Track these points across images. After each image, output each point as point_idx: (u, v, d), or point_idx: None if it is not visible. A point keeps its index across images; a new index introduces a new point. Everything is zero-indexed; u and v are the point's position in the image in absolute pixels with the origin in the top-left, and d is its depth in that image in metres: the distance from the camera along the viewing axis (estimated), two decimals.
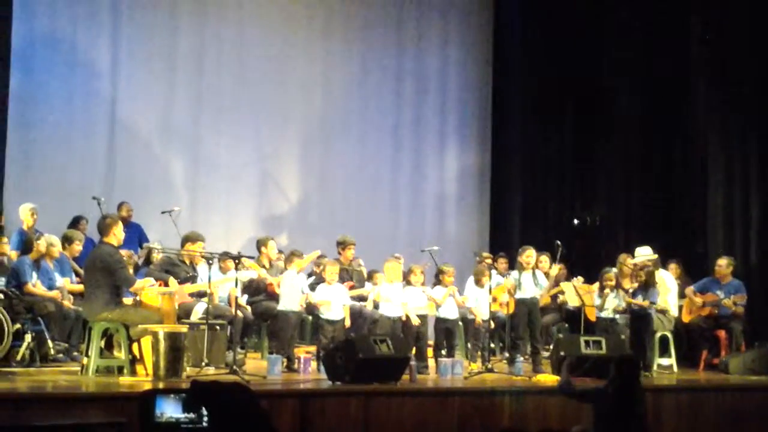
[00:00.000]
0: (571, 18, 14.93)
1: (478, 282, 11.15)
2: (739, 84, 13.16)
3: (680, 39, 13.75)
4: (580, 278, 11.88)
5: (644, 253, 11.17)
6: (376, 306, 10.75)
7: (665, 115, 13.99)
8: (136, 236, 12.04)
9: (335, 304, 10.12)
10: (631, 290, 10.70)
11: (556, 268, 11.46)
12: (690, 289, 11.82)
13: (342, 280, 10.87)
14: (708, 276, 11.97)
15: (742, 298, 11.51)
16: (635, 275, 10.76)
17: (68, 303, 9.91)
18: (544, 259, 12.16)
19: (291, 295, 10.12)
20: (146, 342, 8.66)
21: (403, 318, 10.26)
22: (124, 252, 10.11)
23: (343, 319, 10.19)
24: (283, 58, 14.50)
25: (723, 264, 11.72)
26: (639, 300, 10.57)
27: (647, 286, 10.62)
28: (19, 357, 9.18)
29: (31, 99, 12.76)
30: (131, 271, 10.04)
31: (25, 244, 10.26)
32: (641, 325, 10.61)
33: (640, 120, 14.37)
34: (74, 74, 13.11)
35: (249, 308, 10.55)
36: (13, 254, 10.33)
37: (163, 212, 12.09)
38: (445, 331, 10.62)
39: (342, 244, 11.65)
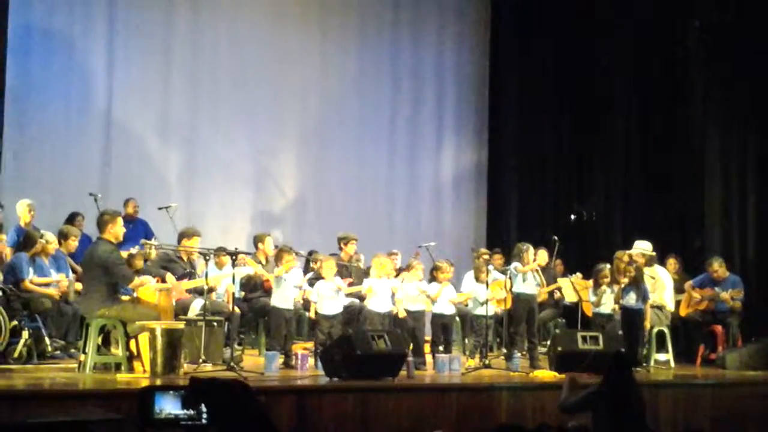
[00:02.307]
0: (569, 12, 14.91)
1: (478, 278, 11.13)
2: (738, 80, 13.14)
3: (678, 35, 13.76)
4: (579, 275, 11.89)
5: (641, 247, 11.20)
6: (361, 299, 10.69)
7: (663, 110, 14.01)
8: (142, 232, 11.98)
9: (332, 299, 10.10)
10: (622, 285, 10.72)
11: (557, 264, 11.48)
12: (689, 284, 11.84)
13: (341, 276, 10.86)
14: (706, 271, 11.98)
15: (738, 292, 11.53)
16: (625, 270, 10.77)
17: (73, 296, 9.87)
18: (542, 253, 12.20)
19: (283, 292, 10.05)
20: (143, 338, 8.65)
21: (394, 312, 10.29)
22: (132, 250, 10.13)
23: (340, 314, 10.18)
24: (278, 53, 14.46)
25: (716, 266, 11.72)
26: (631, 297, 10.59)
27: (636, 282, 10.65)
28: (16, 354, 9.16)
29: (27, 95, 12.72)
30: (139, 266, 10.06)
31: (25, 241, 10.21)
32: (633, 321, 10.63)
33: (638, 115, 14.39)
34: (70, 70, 13.08)
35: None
36: (8, 251, 10.28)
37: (159, 208, 12.06)
38: (442, 326, 10.62)
39: (344, 240, 11.62)
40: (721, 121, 13.42)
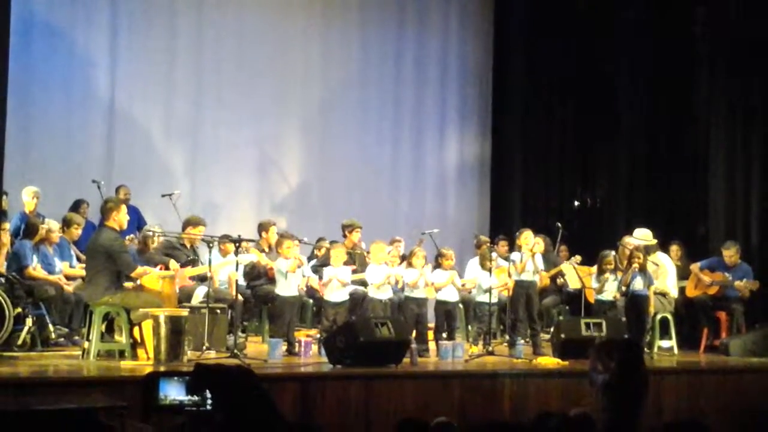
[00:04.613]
0: (574, 1, 14.88)
1: (483, 265, 11.09)
2: (743, 68, 13.09)
3: (683, 24, 13.72)
4: (578, 257, 11.84)
5: (641, 235, 11.21)
6: (364, 284, 10.67)
7: (667, 97, 13.97)
8: (134, 219, 11.98)
9: (340, 286, 10.09)
10: (630, 273, 10.70)
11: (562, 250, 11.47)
12: (696, 266, 11.81)
13: (345, 264, 10.84)
14: (714, 255, 11.96)
15: (755, 284, 11.50)
16: (633, 256, 10.76)
17: (69, 288, 9.89)
18: (539, 241, 12.19)
19: (288, 279, 10.03)
20: (147, 326, 8.65)
21: (394, 299, 10.30)
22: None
23: (346, 302, 10.17)
24: (282, 40, 14.44)
25: (733, 251, 11.67)
26: (639, 282, 10.61)
27: (643, 268, 10.67)
28: (20, 341, 9.19)
29: (30, 83, 12.71)
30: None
31: (28, 228, 10.21)
32: (641, 306, 10.63)
33: (642, 102, 14.35)
34: (73, 59, 13.07)
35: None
36: (7, 239, 10.26)
37: (163, 195, 12.08)
38: (446, 313, 10.61)
39: (349, 227, 11.57)
40: (726, 108, 13.37)
